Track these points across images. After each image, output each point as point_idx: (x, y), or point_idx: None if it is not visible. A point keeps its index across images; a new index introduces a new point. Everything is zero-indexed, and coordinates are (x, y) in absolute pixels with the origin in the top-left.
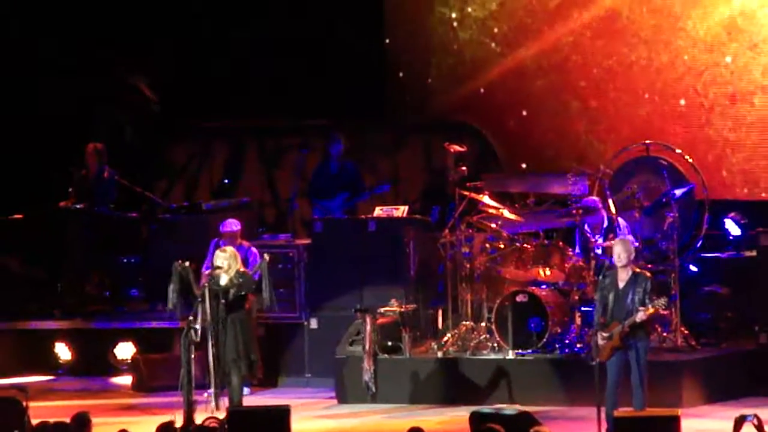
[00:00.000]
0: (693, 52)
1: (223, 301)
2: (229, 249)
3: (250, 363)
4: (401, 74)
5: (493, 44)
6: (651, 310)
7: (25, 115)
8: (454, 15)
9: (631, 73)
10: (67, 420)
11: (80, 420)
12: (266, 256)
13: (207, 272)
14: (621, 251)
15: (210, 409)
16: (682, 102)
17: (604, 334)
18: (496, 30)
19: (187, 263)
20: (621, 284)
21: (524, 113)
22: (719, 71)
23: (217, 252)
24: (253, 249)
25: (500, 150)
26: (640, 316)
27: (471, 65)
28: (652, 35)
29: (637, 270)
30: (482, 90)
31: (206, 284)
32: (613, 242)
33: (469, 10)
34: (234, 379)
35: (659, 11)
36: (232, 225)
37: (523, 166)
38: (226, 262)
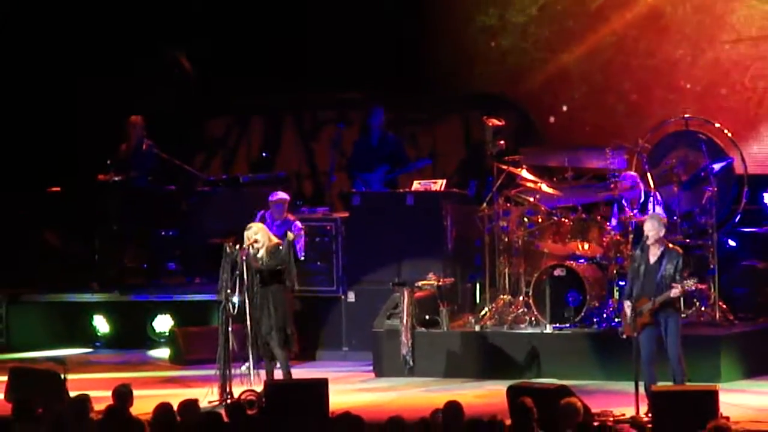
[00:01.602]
0: (738, 47)
1: (259, 275)
2: (255, 225)
3: (286, 336)
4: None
5: (534, 50)
6: (679, 290)
7: (63, 88)
8: (493, 23)
9: (676, 70)
10: (107, 392)
11: (121, 392)
12: (289, 235)
13: (244, 246)
14: (649, 228)
15: (248, 382)
16: (729, 97)
17: (635, 309)
18: (537, 36)
19: (235, 246)
20: (652, 259)
21: (564, 108)
22: (767, 64)
23: (246, 233)
24: (298, 223)
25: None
26: (674, 292)
27: (513, 72)
28: (695, 31)
29: (670, 246)
30: (525, 94)
31: (244, 258)
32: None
33: (509, 16)
34: (278, 352)
35: (702, 7)
36: (281, 194)
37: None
38: (257, 236)
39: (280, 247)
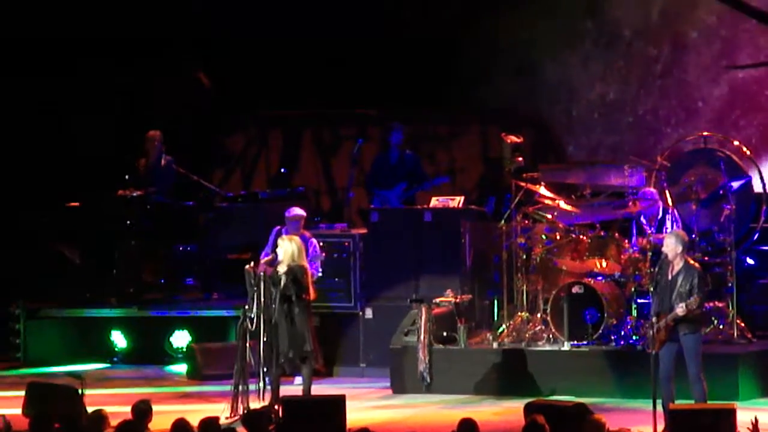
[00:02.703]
0: (758, 68)
1: (278, 291)
2: (295, 239)
3: (303, 355)
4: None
5: (555, 79)
6: (684, 310)
7: (82, 103)
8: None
9: (696, 91)
10: (124, 408)
11: (140, 408)
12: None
13: (264, 259)
14: (667, 245)
15: (263, 398)
16: (750, 117)
17: (652, 325)
18: (559, 68)
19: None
20: (670, 275)
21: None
22: None
23: (279, 240)
24: (314, 240)
25: None
26: (679, 311)
27: (530, 94)
28: (716, 54)
29: (690, 262)
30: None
31: (262, 273)
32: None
33: (534, 53)
34: (303, 369)
35: (722, 30)
36: (298, 210)
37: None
38: (281, 250)
39: (298, 267)
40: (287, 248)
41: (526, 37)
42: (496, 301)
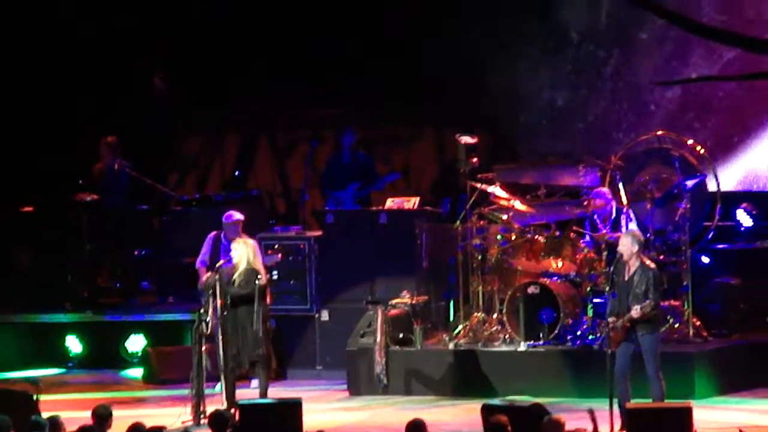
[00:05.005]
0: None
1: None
2: (249, 242)
3: (253, 358)
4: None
5: (500, 81)
6: (638, 313)
7: (39, 107)
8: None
9: (647, 93)
10: (80, 413)
11: (101, 413)
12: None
13: (219, 263)
14: (622, 245)
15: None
16: (703, 117)
17: (611, 325)
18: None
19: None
20: (627, 275)
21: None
22: (739, 85)
23: (234, 244)
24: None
25: None
26: (634, 314)
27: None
28: (667, 54)
29: (646, 262)
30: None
31: (217, 277)
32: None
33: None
34: (259, 372)
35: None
36: (236, 215)
37: None
38: (236, 254)
39: (259, 276)
40: (242, 251)
41: (472, 43)
42: (452, 302)
